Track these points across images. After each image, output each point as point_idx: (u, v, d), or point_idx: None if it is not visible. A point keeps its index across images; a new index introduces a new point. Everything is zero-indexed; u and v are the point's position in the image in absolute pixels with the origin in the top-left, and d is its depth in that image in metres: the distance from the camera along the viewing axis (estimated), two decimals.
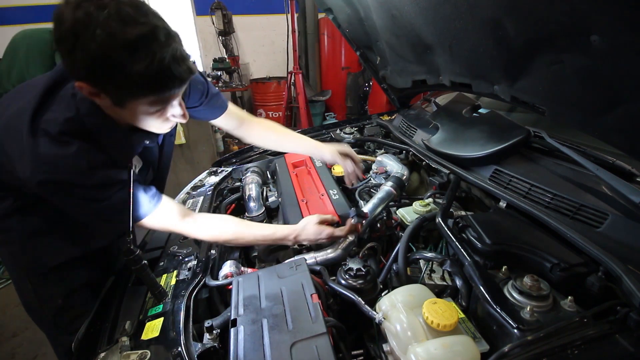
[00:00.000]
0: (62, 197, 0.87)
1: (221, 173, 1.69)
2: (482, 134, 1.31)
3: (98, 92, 0.76)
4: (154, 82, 0.75)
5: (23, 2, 4.56)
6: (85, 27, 0.66)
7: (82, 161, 0.83)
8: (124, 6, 0.68)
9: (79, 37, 0.67)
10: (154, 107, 0.82)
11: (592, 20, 0.69)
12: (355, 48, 1.94)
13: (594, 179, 0.96)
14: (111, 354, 0.80)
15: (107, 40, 0.67)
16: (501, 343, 0.73)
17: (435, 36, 1.24)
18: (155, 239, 1.28)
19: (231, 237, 1.07)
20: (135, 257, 0.86)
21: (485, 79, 1.20)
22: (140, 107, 0.80)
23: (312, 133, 2.06)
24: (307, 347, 0.69)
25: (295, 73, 4.44)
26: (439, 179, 1.34)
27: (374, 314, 0.79)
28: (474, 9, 0.97)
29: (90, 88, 0.75)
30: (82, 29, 0.67)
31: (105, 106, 0.84)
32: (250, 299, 0.83)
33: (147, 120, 0.86)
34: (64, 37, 0.69)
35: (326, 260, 1.09)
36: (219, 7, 4.78)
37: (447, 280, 1.00)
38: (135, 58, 0.69)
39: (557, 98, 0.97)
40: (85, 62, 0.70)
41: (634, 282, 0.72)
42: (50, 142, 0.80)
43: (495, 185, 1.13)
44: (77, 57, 0.69)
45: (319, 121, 5.46)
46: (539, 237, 0.92)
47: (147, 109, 0.82)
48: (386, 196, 1.24)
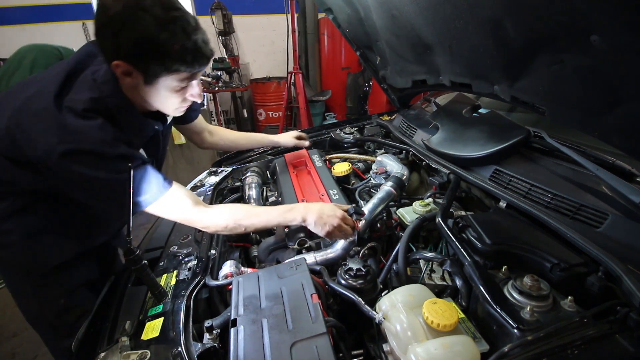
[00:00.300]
0: (85, 168, 0.88)
1: (221, 173, 1.69)
2: (482, 134, 1.31)
3: (132, 70, 0.87)
4: (188, 58, 0.88)
5: (23, 2, 4.56)
6: (132, 12, 0.80)
7: (107, 133, 0.90)
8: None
9: (126, 21, 0.80)
10: (181, 83, 0.93)
11: (592, 20, 0.69)
12: (355, 48, 1.94)
13: (594, 179, 0.96)
14: (111, 354, 0.80)
15: (153, 22, 0.81)
16: (501, 343, 0.72)
17: (435, 36, 1.24)
18: (155, 239, 1.28)
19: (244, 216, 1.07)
20: (135, 257, 0.86)
21: (485, 79, 1.20)
22: (169, 82, 0.92)
23: (312, 133, 2.06)
24: (307, 347, 0.69)
25: (295, 73, 4.44)
26: (439, 179, 1.33)
27: (374, 314, 0.79)
28: (474, 9, 0.97)
29: (127, 66, 0.86)
30: (129, 14, 0.80)
31: (132, 86, 0.93)
32: (250, 299, 0.83)
33: (169, 98, 0.97)
34: (110, 22, 0.81)
35: (326, 260, 1.09)
36: (219, 7, 4.78)
37: (447, 280, 1.00)
38: (175, 37, 0.84)
39: (557, 98, 0.97)
40: (131, 42, 0.82)
41: (634, 282, 0.72)
42: (75, 117, 0.87)
43: (495, 185, 1.13)
44: (122, 38, 0.82)
45: (319, 121, 5.46)
46: (539, 237, 0.92)
47: (175, 85, 0.93)
48: (386, 196, 1.24)
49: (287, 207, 1.12)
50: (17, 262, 1.10)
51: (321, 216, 1.07)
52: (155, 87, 0.93)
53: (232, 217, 1.07)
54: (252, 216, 1.08)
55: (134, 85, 0.93)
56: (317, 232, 1.09)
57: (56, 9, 4.49)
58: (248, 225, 1.07)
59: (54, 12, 4.48)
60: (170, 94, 0.96)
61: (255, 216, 1.09)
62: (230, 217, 1.06)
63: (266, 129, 5.09)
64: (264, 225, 1.10)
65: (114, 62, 0.86)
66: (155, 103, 0.99)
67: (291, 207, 1.11)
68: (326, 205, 1.12)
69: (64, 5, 4.24)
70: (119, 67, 0.87)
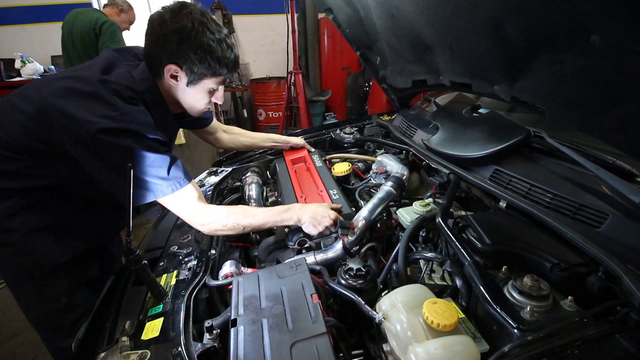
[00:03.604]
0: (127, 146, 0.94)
1: (221, 173, 1.69)
2: (482, 134, 1.31)
3: (180, 73, 1.05)
4: (230, 65, 1.09)
5: (23, 2, 4.56)
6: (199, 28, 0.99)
7: (149, 118, 1.02)
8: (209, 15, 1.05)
9: (191, 33, 0.99)
10: (216, 85, 1.12)
11: (592, 20, 0.69)
12: (355, 48, 1.94)
13: (594, 179, 0.96)
14: (111, 354, 0.80)
15: (211, 37, 1.02)
16: (501, 343, 0.72)
17: (435, 36, 1.24)
18: (155, 239, 1.28)
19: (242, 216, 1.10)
20: (135, 257, 0.86)
21: (485, 79, 1.20)
22: (209, 84, 1.10)
23: (312, 133, 2.07)
24: (307, 347, 0.69)
25: (295, 73, 4.44)
26: (439, 179, 1.33)
27: (374, 314, 0.79)
28: (474, 8, 0.97)
29: (178, 69, 1.04)
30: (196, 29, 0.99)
31: (170, 87, 1.09)
32: (250, 299, 0.83)
33: (202, 99, 1.14)
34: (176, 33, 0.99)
35: (326, 260, 1.09)
36: (219, 7, 4.78)
37: (447, 280, 1.00)
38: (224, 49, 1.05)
39: (557, 98, 0.97)
40: (194, 50, 1.00)
41: (634, 282, 0.72)
42: (124, 101, 0.98)
43: (495, 185, 1.13)
44: (186, 46, 1.00)
45: (319, 121, 5.45)
46: (539, 237, 0.92)
47: (211, 87, 1.11)
48: (386, 196, 1.24)
49: (284, 207, 1.15)
50: (20, 260, 1.10)
51: (314, 216, 1.10)
52: (195, 88, 1.09)
53: (231, 216, 1.08)
54: (249, 216, 1.10)
55: (173, 87, 1.09)
56: (309, 231, 1.12)
57: (56, 9, 4.48)
58: (246, 225, 1.09)
59: (54, 12, 4.47)
60: (204, 95, 1.12)
61: (252, 216, 1.11)
62: (230, 217, 1.08)
63: (266, 129, 5.08)
64: (261, 224, 1.12)
65: (168, 66, 1.03)
66: (188, 103, 1.14)
67: (288, 208, 1.14)
68: (320, 206, 1.15)
69: (64, 5, 4.24)
70: (171, 70, 1.04)
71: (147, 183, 0.98)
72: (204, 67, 1.04)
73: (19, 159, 1.01)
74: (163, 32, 1.00)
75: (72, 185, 1.11)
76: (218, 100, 1.18)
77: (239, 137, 1.68)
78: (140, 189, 0.98)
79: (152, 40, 1.03)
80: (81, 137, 0.92)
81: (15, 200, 1.04)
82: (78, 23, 2.94)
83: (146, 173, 0.98)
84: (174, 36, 0.99)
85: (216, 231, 1.09)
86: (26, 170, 1.03)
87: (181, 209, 1.06)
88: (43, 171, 1.04)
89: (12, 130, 1.00)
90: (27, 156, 1.02)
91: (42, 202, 1.07)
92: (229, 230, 1.09)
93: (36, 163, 1.03)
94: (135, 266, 0.87)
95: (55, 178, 1.06)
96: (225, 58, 1.06)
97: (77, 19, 2.95)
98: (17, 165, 1.02)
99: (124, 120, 0.95)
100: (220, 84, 1.13)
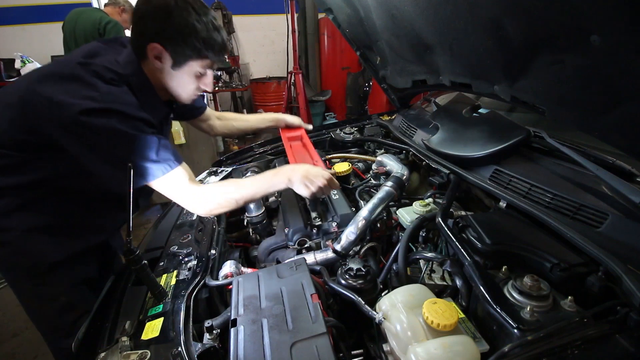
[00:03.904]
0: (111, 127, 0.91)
1: (221, 173, 1.69)
2: (482, 134, 1.31)
3: (164, 54, 1.00)
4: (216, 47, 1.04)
5: (23, 2, 4.56)
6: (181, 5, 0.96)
7: (133, 98, 0.99)
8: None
9: (174, 11, 0.95)
10: (203, 69, 1.07)
11: (592, 20, 0.69)
12: (355, 48, 1.94)
13: (594, 179, 0.96)
14: (111, 354, 0.80)
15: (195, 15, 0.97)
16: (501, 343, 0.72)
17: (435, 36, 1.24)
18: (155, 239, 1.28)
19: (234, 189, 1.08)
20: (135, 257, 0.86)
21: (485, 79, 1.20)
22: (194, 67, 1.05)
23: (312, 133, 2.07)
24: (307, 347, 0.69)
25: (295, 73, 4.44)
26: (439, 179, 1.33)
27: (374, 314, 0.79)
28: (474, 9, 0.97)
29: (161, 49, 0.99)
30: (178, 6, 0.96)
31: (156, 69, 1.05)
32: (250, 299, 0.83)
33: (189, 84, 1.09)
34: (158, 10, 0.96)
35: (326, 260, 1.09)
36: (219, 7, 4.78)
37: (447, 280, 1.00)
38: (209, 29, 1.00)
39: (557, 98, 0.97)
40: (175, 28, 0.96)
41: (634, 282, 0.72)
42: (104, 82, 0.95)
43: (495, 185, 1.13)
44: (168, 24, 0.96)
45: (319, 121, 5.46)
46: (539, 237, 0.92)
47: (197, 71, 1.06)
48: (386, 196, 1.24)
49: (273, 171, 1.13)
50: (17, 259, 1.10)
51: (307, 176, 1.07)
52: (180, 71, 1.05)
53: (224, 194, 1.07)
54: (241, 188, 1.09)
55: (159, 69, 1.04)
56: (301, 192, 1.09)
57: (56, 9, 4.49)
58: (239, 198, 1.07)
59: (54, 12, 4.47)
60: (190, 80, 1.08)
61: (244, 188, 1.09)
62: (222, 195, 1.07)
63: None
64: (254, 194, 1.10)
65: (151, 45, 0.98)
66: (175, 87, 1.10)
67: (277, 171, 1.12)
68: (313, 167, 1.12)
69: (64, 5, 4.24)
70: (154, 50, 0.99)
71: (136, 167, 0.95)
72: (189, 48, 1.00)
73: (9, 154, 1.00)
74: (146, 10, 0.98)
75: (66, 181, 1.09)
76: (207, 87, 1.13)
77: (233, 122, 1.65)
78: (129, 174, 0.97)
79: (136, 20, 1.01)
80: (64, 122, 0.90)
81: (9, 198, 1.03)
82: (81, 23, 2.93)
83: (134, 155, 0.95)
84: (157, 13, 0.97)
85: (211, 211, 1.08)
86: (17, 167, 1.01)
87: (173, 192, 1.03)
88: (35, 166, 1.02)
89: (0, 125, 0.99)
90: (17, 152, 1.00)
91: (37, 200, 1.06)
92: (224, 208, 1.08)
93: (27, 158, 1.01)
94: (135, 266, 0.87)
95: (47, 173, 1.04)
96: (211, 39, 1.02)
97: (80, 19, 2.94)
98: (8, 162, 1.00)
99: (106, 100, 0.91)
100: (208, 67, 1.08)
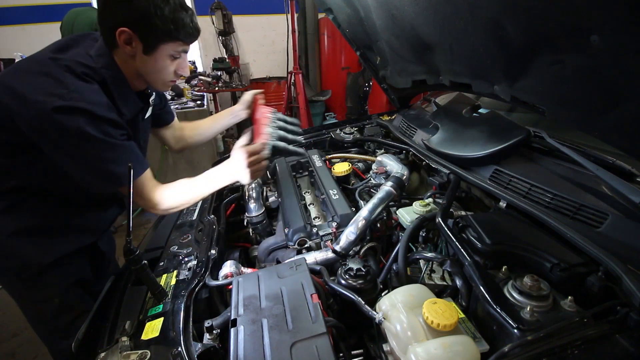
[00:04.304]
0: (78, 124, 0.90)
1: None
2: (482, 134, 1.31)
3: (133, 38, 0.97)
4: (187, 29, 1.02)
5: (23, 2, 4.56)
6: None
7: (103, 97, 0.97)
8: None
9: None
10: (176, 53, 1.05)
11: (592, 20, 0.69)
12: (355, 48, 1.94)
13: (594, 179, 0.96)
14: (111, 354, 0.80)
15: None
16: (501, 343, 0.72)
17: (435, 36, 1.24)
18: (155, 239, 1.28)
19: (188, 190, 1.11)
20: (135, 257, 0.86)
21: (485, 79, 1.20)
22: (167, 51, 1.03)
23: (312, 133, 2.07)
24: (307, 347, 0.69)
25: (295, 73, 4.44)
26: (439, 179, 1.33)
27: (374, 314, 0.79)
28: (474, 9, 0.97)
29: (130, 34, 0.96)
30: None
31: (129, 56, 1.02)
32: (250, 299, 0.83)
33: (164, 69, 1.06)
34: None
35: (326, 260, 1.09)
36: (219, 7, 4.77)
37: (447, 280, 1.00)
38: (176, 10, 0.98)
39: (557, 98, 0.97)
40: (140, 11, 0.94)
41: (634, 282, 0.72)
42: (75, 77, 0.93)
43: (495, 185, 1.13)
44: (133, 8, 0.93)
45: (319, 121, 5.46)
46: (539, 237, 0.92)
47: (171, 54, 1.04)
48: (386, 196, 1.24)
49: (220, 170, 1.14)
50: (6, 262, 1.10)
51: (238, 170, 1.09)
52: (153, 56, 1.02)
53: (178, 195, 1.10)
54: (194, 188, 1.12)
55: (132, 55, 1.01)
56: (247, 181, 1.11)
57: (56, 9, 4.49)
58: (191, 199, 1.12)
59: (54, 12, 4.47)
60: (164, 64, 1.05)
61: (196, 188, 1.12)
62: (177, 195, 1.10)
63: None
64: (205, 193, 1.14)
65: (119, 29, 0.95)
66: (149, 74, 1.07)
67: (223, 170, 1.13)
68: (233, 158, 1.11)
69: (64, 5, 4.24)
70: (123, 34, 0.96)
71: (102, 172, 0.96)
72: (157, 30, 0.97)
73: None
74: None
75: (47, 183, 1.08)
76: (183, 72, 1.11)
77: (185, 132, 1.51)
78: (96, 178, 0.98)
79: (101, 8, 0.99)
80: (32, 119, 0.90)
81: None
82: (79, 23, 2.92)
83: (100, 160, 0.95)
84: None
85: (167, 211, 1.11)
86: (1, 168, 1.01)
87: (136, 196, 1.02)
88: (14, 170, 1.02)
89: None
90: None
91: (21, 203, 1.06)
92: (178, 208, 1.13)
93: (5, 162, 1.01)
94: (135, 266, 0.87)
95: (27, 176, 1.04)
96: (180, 20, 0.99)
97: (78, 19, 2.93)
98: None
99: (73, 98, 0.90)
100: (181, 49, 1.06)
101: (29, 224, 1.08)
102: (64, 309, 1.15)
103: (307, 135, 2.03)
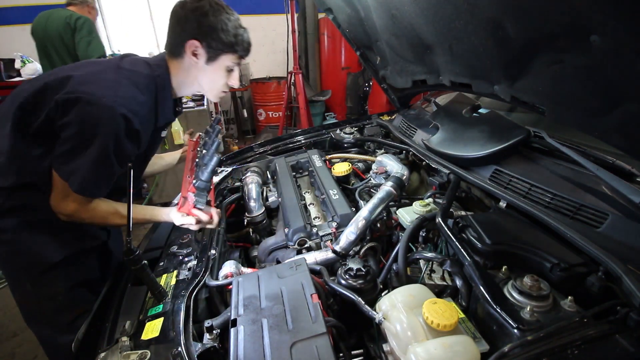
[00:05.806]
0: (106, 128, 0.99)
1: (221, 173, 1.69)
2: (482, 134, 1.31)
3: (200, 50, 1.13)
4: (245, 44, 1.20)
5: (23, 2, 4.56)
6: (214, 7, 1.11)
7: (145, 110, 1.11)
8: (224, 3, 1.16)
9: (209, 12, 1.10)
10: (233, 64, 1.21)
11: (592, 20, 0.69)
12: (355, 48, 1.94)
13: (594, 179, 0.96)
14: (111, 354, 0.80)
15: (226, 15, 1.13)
16: (501, 343, 0.72)
17: (435, 36, 1.24)
18: (155, 239, 1.28)
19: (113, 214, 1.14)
20: (135, 257, 0.86)
21: (485, 79, 1.20)
22: (226, 62, 1.18)
23: (312, 133, 2.07)
24: (307, 347, 0.69)
25: (295, 73, 4.44)
26: (439, 179, 1.33)
27: (374, 314, 0.79)
28: (474, 9, 0.97)
29: (198, 44, 1.12)
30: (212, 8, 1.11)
31: (191, 65, 1.17)
32: (250, 299, 0.83)
33: (220, 79, 1.22)
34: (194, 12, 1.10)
35: (326, 260, 1.09)
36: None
37: (447, 280, 1.00)
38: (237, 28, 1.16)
39: (557, 98, 0.97)
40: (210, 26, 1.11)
41: (634, 282, 0.72)
42: (131, 84, 1.07)
43: (495, 185, 1.13)
44: (204, 24, 1.10)
45: (319, 121, 5.46)
46: (539, 237, 0.92)
47: (229, 65, 1.20)
48: (386, 196, 1.24)
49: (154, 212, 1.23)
50: (16, 259, 1.11)
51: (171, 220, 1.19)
52: (213, 65, 1.17)
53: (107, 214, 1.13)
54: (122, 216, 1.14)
55: (194, 64, 1.16)
56: None
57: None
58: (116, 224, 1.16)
59: None
60: (221, 74, 1.21)
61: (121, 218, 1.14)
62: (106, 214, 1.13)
63: (266, 129, 5.08)
64: None
65: (189, 42, 1.11)
66: (206, 83, 1.23)
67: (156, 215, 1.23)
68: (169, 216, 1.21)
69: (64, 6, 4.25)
70: (192, 46, 1.12)
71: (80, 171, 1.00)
72: (221, 43, 1.13)
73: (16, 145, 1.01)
74: (184, 13, 1.11)
75: None
76: (235, 82, 1.26)
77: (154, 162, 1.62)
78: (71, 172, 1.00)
79: (174, 23, 1.13)
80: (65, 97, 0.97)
81: (3, 199, 1.04)
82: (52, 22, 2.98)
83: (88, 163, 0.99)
84: (194, 14, 1.10)
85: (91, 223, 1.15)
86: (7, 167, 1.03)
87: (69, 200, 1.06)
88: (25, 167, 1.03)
89: None
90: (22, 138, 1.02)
91: (34, 201, 1.07)
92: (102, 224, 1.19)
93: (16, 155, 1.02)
94: (135, 266, 0.87)
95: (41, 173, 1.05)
96: (240, 36, 1.16)
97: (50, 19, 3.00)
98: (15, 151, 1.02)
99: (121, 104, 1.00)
100: (237, 62, 1.21)
101: (39, 221, 1.09)
102: (67, 306, 1.16)
103: (307, 136, 2.03)
